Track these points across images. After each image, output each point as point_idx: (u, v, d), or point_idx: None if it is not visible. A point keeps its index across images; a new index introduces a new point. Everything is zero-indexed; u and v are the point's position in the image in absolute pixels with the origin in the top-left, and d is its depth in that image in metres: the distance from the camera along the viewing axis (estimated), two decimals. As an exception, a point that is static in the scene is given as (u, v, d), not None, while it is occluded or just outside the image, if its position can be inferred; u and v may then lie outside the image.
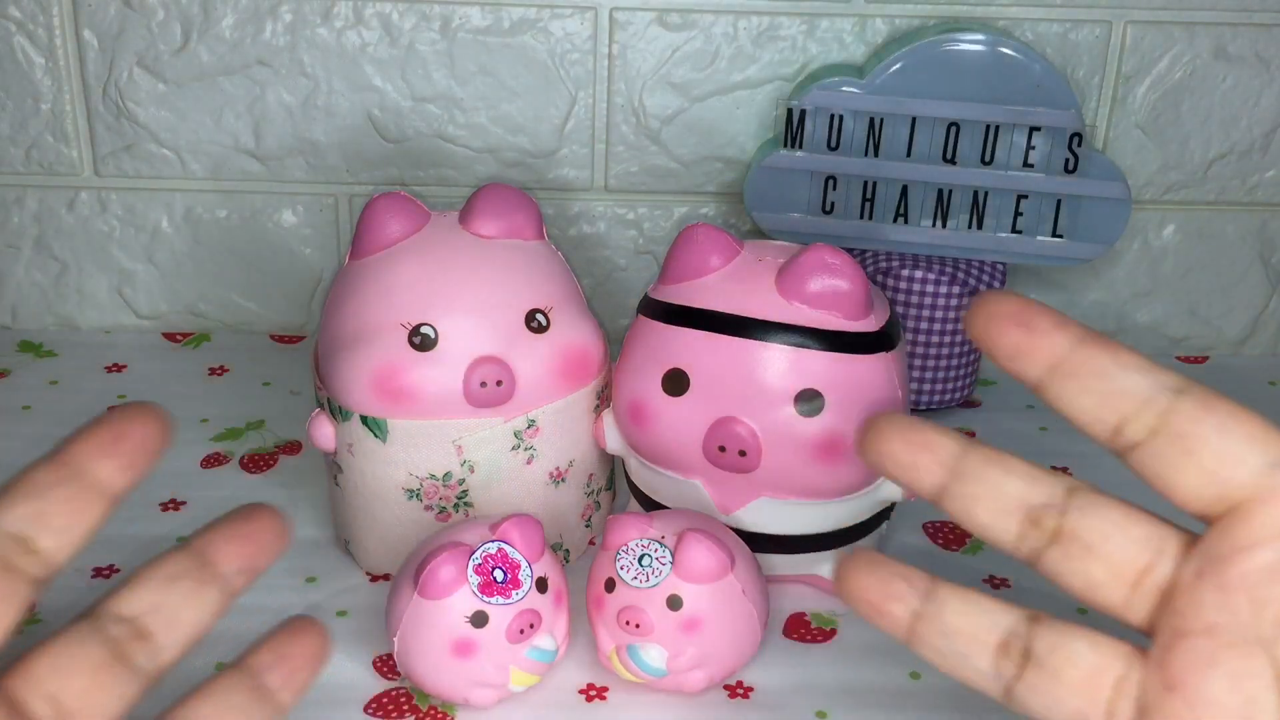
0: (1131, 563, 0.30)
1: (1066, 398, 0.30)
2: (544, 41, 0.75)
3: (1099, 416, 0.30)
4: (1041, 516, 0.31)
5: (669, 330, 0.55)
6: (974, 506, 0.31)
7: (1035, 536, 0.31)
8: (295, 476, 0.67)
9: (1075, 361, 0.30)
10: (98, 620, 0.29)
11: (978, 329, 0.31)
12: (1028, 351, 0.30)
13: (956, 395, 0.75)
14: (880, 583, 0.33)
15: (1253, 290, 0.83)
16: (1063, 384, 0.30)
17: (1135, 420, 0.29)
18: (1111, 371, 0.29)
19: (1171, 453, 0.29)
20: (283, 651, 0.33)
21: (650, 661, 0.51)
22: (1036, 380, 0.31)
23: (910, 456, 0.31)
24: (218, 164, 0.78)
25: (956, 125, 0.70)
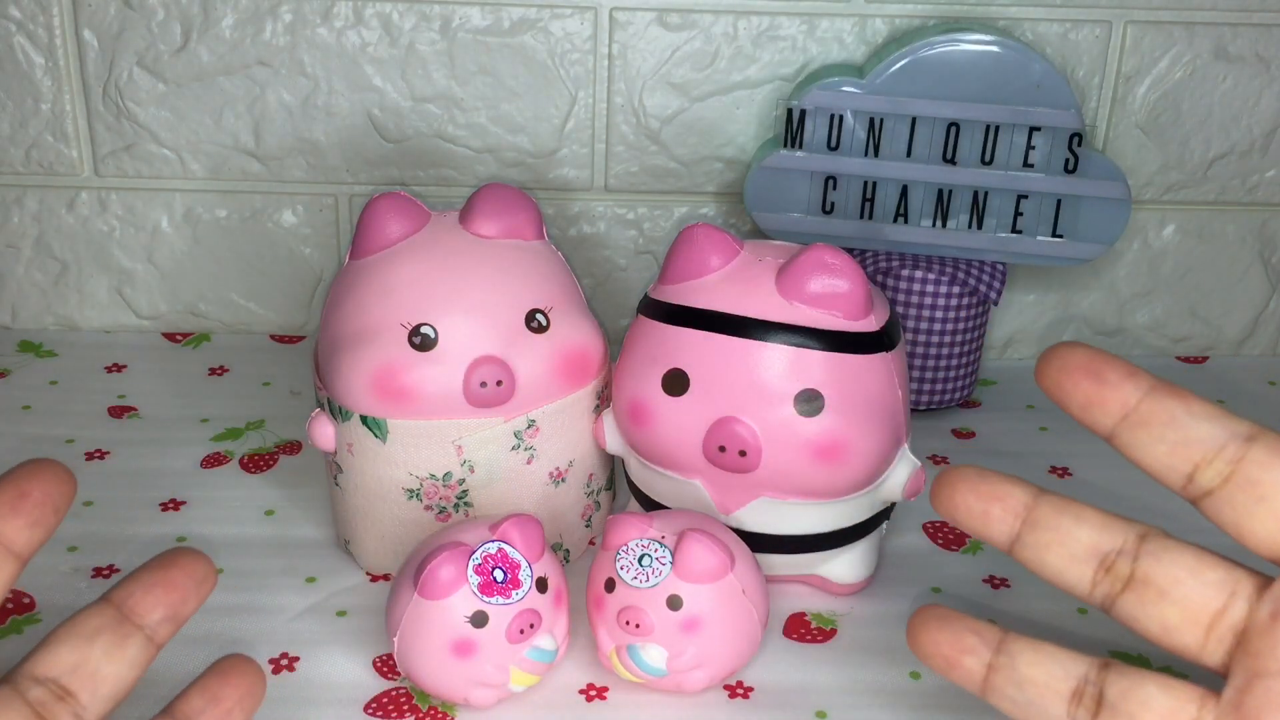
0: (1206, 606, 0.30)
1: (1139, 447, 0.31)
2: (544, 41, 0.75)
3: (1171, 465, 0.30)
4: (1114, 563, 0.31)
5: (669, 330, 0.55)
6: (1046, 554, 0.32)
7: (1108, 583, 0.32)
8: (295, 476, 0.67)
9: (1146, 411, 0.30)
10: (16, 684, 0.29)
11: (1049, 380, 0.32)
12: (1099, 403, 0.31)
13: (956, 395, 0.75)
14: (953, 637, 0.33)
15: (1253, 290, 0.83)
16: (1134, 433, 0.31)
17: (1208, 468, 0.30)
18: (1183, 420, 0.30)
19: (1244, 499, 0.30)
20: (214, 694, 0.32)
21: (650, 661, 0.51)
22: (1109, 431, 0.31)
23: (982, 506, 0.33)
24: (218, 164, 0.78)
25: (956, 125, 0.70)
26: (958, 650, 0.33)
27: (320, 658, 0.55)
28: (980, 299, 0.73)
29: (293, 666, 0.54)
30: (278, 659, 0.54)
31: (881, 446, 0.54)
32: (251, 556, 0.61)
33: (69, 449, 0.69)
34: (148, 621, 0.31)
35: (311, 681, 0.53)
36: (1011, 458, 0.71)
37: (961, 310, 0.72)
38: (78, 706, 0.29)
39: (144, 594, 0.31)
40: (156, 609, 0.31)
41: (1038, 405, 0.78)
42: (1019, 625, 0.58)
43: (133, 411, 0.73)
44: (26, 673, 0.29)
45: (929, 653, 0.34)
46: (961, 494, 0.33)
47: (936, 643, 0.34)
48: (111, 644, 0.30)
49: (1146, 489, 0.33)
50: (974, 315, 0.73)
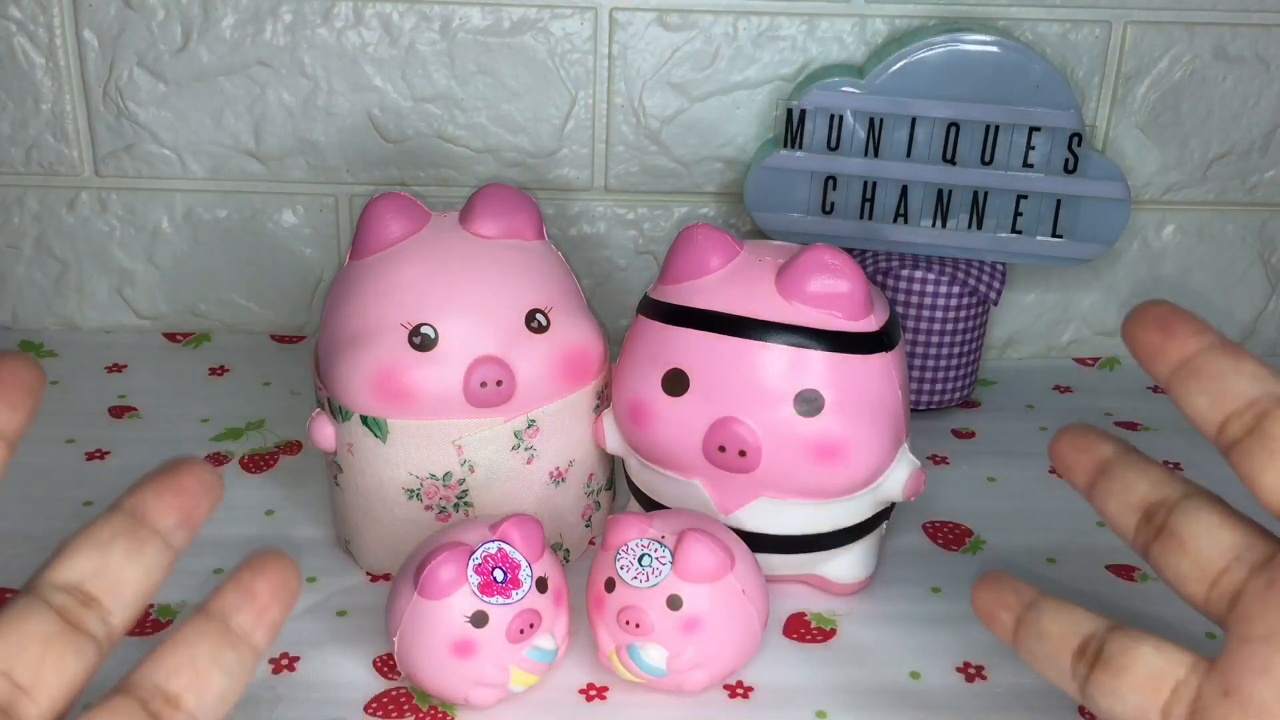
0: (1212, 563, 0.33)
1: (1186, 396, 0.33)
2: (544, 41, 0.75)
3: (1209, 416, 0.33)
4: (1154, 513, 0.34)
5: (669, 330, 0.55)
6: (1108, 500, 0.36)
7: (1147, 531, 0.34)
8: (295, 476, 0.67)
9: (1199, 363, 0.33)
10: (38, 591, 0.29)
11: (1129, 332, 0.35)
12: (1162, 352, 0.34)
13: (956, 395, 0.75)
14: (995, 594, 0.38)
15: (1253, 290, 0.83)
16: (1185, 383, 0.33)
17: (1237, 420, 0.32)
18: (1228, 375, 0.32)
19: (1259, 452, 0.31)
20: (249, 589, 0.32)
21: (650, 661, 0.51)
22: (1166, 379, 0.33)
23: (1073, 456, 0.36)
24: (218, 164, 0.78)
25: (956, 125, 0.70)
26: (998, 605, 0.37)
27: (320, 658, 0.55)
28: (980, 299, 0.73)
29: (293, 666, 0.54)
30: (278, 659, 0.54)
31: (881, 446, 0.54)
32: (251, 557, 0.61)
33: (69, 449, 0.69)
34: (162, 527, 0.31)
35: (311, 681, 0.53)
36: (1011, 458, 0.71)
37: (961, 310, 0.72)
38: (103, 612, 0.29)
39: (155, 500, 0.31)
40: (170, 514, 0.31)
41: (1038, 405, 0.78)
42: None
43: (133, 411, 0.73)
44: (47, 581, 0.29)
45: (977, 607, 0.38)
46: (1063, 444, 0.37)
47: (984, 599, 0.38)
48: (130, 548, 0.30)
49: None
50: (974, 315, 0.73)
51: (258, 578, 0.31)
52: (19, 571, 0.59)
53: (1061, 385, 0.80)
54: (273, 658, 0.54)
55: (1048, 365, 0.83)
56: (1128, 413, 0.77)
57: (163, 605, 0.57)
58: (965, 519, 0.66)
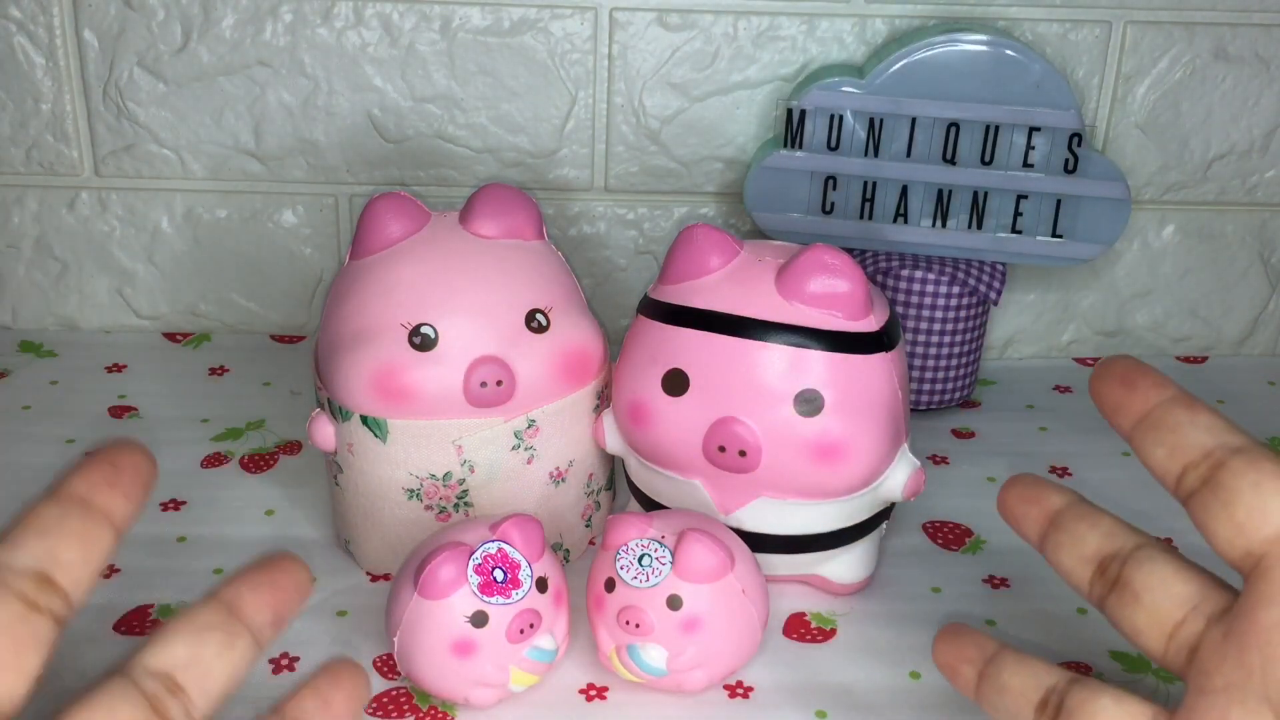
0: (1169, 616, 0.33)
1: (1145, 448, 0.33)
2: (544, 41, 0.75)
3: (1167, 467, 0.33)
4: (1109, 566, 0.34)
5: (669, 330, 0.55)
6: (1060, 554, 0.36)
7: (1101, 584, 0.35)
8: (295, 476, 0.67)
9: (1158, 416, 0.33)
10: (130, 675, 0.29)
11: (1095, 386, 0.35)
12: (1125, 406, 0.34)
13: (956, 395, 0.75)
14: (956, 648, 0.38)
15: (1253, 290, 0.83)
16: (1144, 435, 0.33)
17: (1193, 471, 0.32)
18: (1185, 427, 0.32)
19: (1213, 503, 0.31)
20: (325, 697, 0.33)
21: (650, 661, 0.51)
22: (1128, 432, 0.34)
23: (1023, 509, 0.37)
24: (218, 164, 0.78)
25: (956, 125, 0.70)
26: (959, 659, 0.37)
27: (320, 658, 0.55)
28: (980, 299, 0.73)
29: (293, 666, 0.54)
30: (278, 659, 0.54)
31: (881, 446, 0.54)
32: (251, 556, 0.61)
33: (69, 449, 0.69)
34: (255, 623, 0.31)
35: (311, 681, 0.53)
36: (1011, 458, 0.71)
37: (961, 310, 0.72)
38: (188, 702, 0.29)
39: (252, 595, 0.31)
40: (264, 611, 0.31)
41: (1038, 405, 0.78)
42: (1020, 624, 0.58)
43: (133, 411, 0.73)
44: (141, 665, 0.29)
45: (938, 660, 0.38)
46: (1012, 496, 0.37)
47: (944, 652, 0.38)
48: (223, 642, 0.30)
49: (1143, 490, 0.35)
50: (974, 315, 0.73)
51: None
52: (19, 571, 0.59)
53: (1061, 385, 0.80)
54: (273, 658, 0.54)
55: (1048, 365, 0.83)
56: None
57: (163, 605, 0.57)
58: (965, 519, 0.66)
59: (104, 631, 0.55)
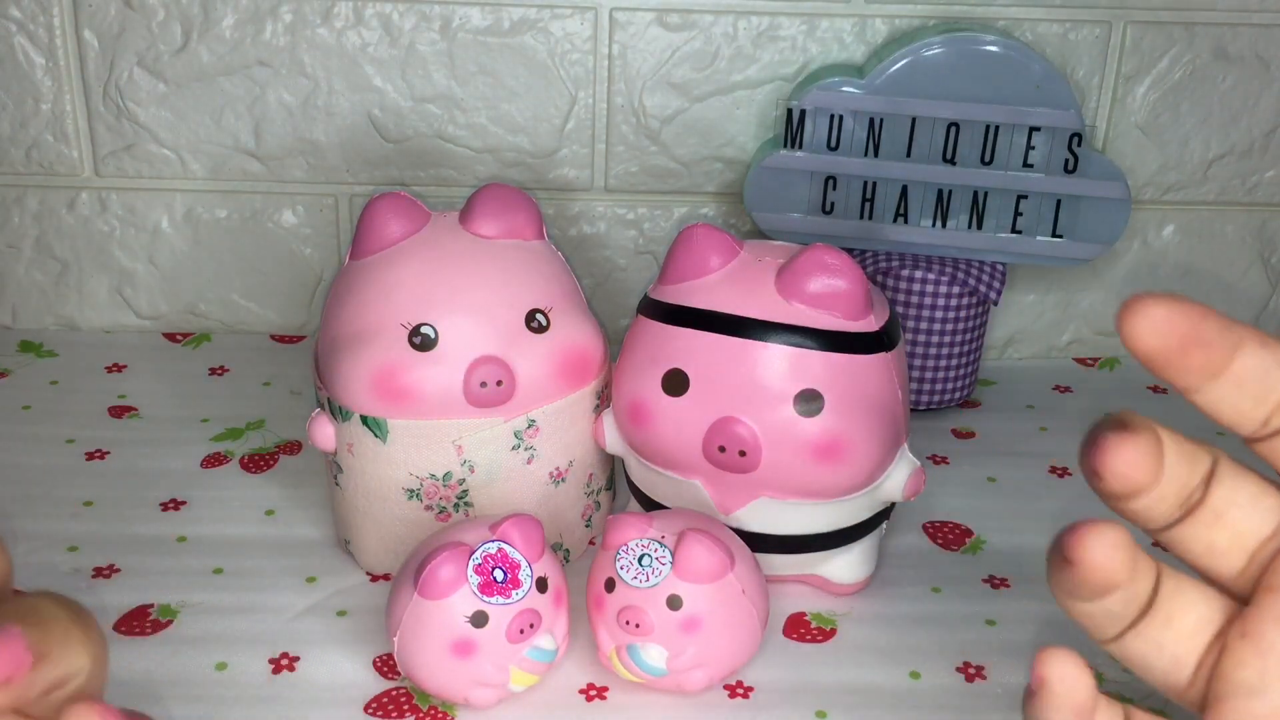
0: (1255, 532, 0.31)
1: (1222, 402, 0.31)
2: (544, 41, 0.75)
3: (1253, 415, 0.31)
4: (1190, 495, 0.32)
5: (669, 330, 0.55)
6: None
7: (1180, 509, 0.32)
8: (295, 476, 0.67)
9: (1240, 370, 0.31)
10: None
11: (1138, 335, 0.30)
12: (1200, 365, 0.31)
13: (956, 395, 0.75)
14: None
15: (1253, 290, 0.83)
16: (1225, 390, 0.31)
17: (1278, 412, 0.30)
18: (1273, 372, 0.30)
19: None
20: None
21: (650, 661, 0.51)
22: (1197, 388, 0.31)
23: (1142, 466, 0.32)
24: (218, 164, 0.78)
25: (956, 125, 0.70)
26: None
27: (320, 658, 0.55)
28: (980, 299, 0.73)
29: (293, 666, 0.54)
30: (278, 659, 0.54)
31: (881, 446, 0.54)
32: (251, 556, 0.61)
33: (69, 449, 0.69)
34: None
35: (311, 681, 0.53)
36: (1011, 458, 0.71)
37: (961, 310, 0.72)
38: None
39: None
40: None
41: (1038, 405, 0.78)
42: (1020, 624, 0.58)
43: (133, 411, 0.73)
44: None
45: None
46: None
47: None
48: None
49: None
50: (974, 315, 0.73)
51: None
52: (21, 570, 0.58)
53: (1061, 385, 0.80)
54: (272, 658, 0.54)
55: (1048, 365, 0.83)
56: (1128, 413, 0.77)
57: (163, 605, 0.57)
58: (965, 519, 0.66)
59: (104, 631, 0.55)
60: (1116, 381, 0.81)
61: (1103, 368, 0.83)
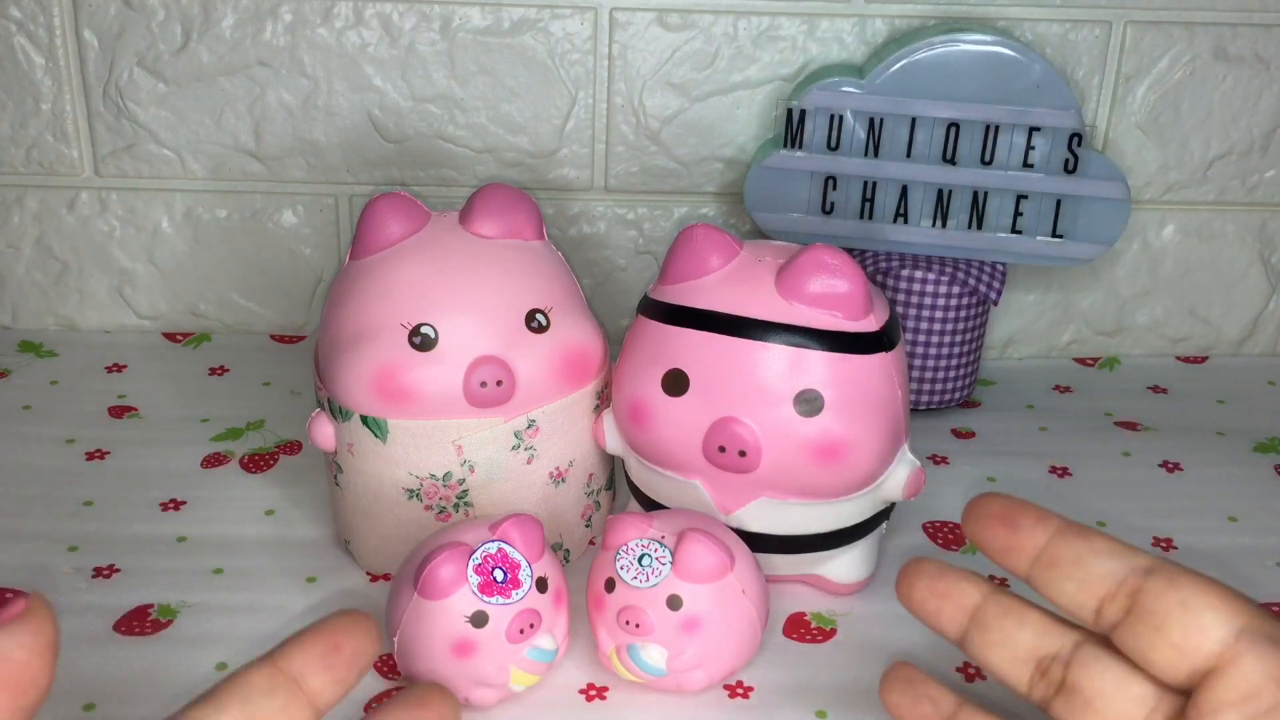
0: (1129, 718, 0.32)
1: (1052, 586, 0.32)
2: (544, 41, 0.75)
3: (1081, 602, 0.32)
4: (1050, 667, 0.33)
5: (669, 330, 0.55)
6: (989, 653, 0.34)
7: (1043, 686, 0.33)
8: (295, 476, 0.67)
9: (1054, 552, 0.32)
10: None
11: (971, 530, 0.33)
12: (1015, 548, 0.32)
13: (956, 395, 0.75)
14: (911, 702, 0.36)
15: (1253, 290, 0.83)
16: (1046, 574, 0.32)
17: (1112, 602, 0.31)
18: (1086, 558, 0.31)
19: (1144, 630, 0.31)
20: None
21: (650, 661, 0.51)
22: (1025, 573, 0.32)
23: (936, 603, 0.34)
24: (218, 164, 0.78)
25: (956, 125, 0.70)
26: (913, 715, 0.36)
27: (320, 658, 0.55)
28: (980, 299, 0.73)
29: (293, 666, 0.54)
30: (278, 659, 0.54)
31: (881, 446, 0.54)
32: (251, 556, 0.61)
33: (69, 449, 0.69)
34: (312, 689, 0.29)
35: (311, 681, 0.53)
36: (1011, 458, 0.71)
37: (961, 310, 0.73)
38: None
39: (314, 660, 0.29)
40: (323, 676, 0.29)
41: (1038, 405, 0.78)
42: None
43: (133, 411, 0.73)
44: None
45: (890, 712, 0.36)
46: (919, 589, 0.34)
47: (896, 705, 0.36)
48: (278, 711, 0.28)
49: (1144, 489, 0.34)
50: (974, 315, 0.73)
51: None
52: (20, 570, 0.59)
53: (1061, 385, 0.80)
54: (273, 658, 0.54)
55: (1048, 365, 0.83)
56: (1127, 413, 0.77)
57: (163, 605, 0.57)
58: (965, 519, 0.66)
59: (104, 631, 0.55)
60: (1116, 381, 0.81)
61: (1103, 368, 0.83)
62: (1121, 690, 0.32)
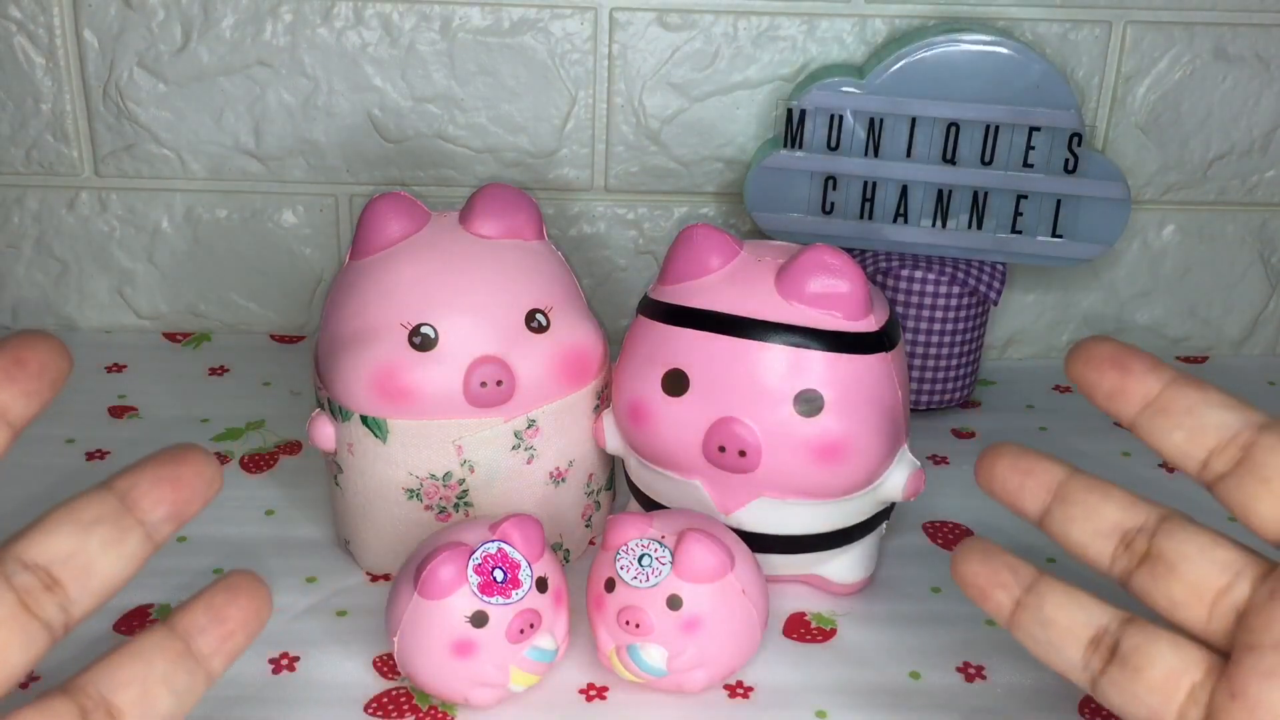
0: (1210, 583, 0.32)
1: (1159, 434, 0.32)
2: (544, 41, 0.75)
3: (1188, 451, 0.32)
4: (1134, 540, 0.33)
5: (669, 330, 0.55)
6: (1070, 527, 0.34)
7: (1126, 558, 0.33)
8: (295, 476, 0.67)
9: (1167, 400, 0.32)
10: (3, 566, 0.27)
11: (1077, 372, 0.33)
12: (1123, 392, 0.33)
13: (956, 395, 0.75)
14: (990, 571, 0.35)
15: (1253, 290, 0.83)
16: (1155, 421, 0.32)
17: (1221, 453, 0.31)
18: (1200, 408, 0.31)
19: (1251, 482, 0.31)
20: (219, 613, 0.30)
21: (650, 661, 0.51)
22: (1131, 418, 0.33)
23: (1018, 480, 0.35)
24: (218, 164, 0.78)
25: (956, 125, 0.70)
26: (992, 584, 0.35)
27: (320, 658, 0.55)
28: (980, 299, 0.73)
29: (293, 666, 0.54)
30: (278, 659, 0.54)
31: (881, 446, 0.54)
32: (251, 556, 0.61)
33: (69, 449, 0.69)
34: (150, 518, 0.28)
35: (311, 681, 0.53)
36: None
37: (961, 310, 0.73)
38: (64, 599, 0.27)
39: (150, 488, 0.29)
40: (160, 505, 0.29)
41: (1038, 405, 0.78)
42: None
43: (133, 411, 0.73)
44: (14, 555, 0.27)
45: (967, 582, 0.36)
46: (1000, 468, 0.35)
47: (975, 574, 0.36)
48: (110, 537, 0.28)
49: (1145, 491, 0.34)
50: (974, 315, 0.73)
51: (230, 602, 0.29)
52: (19, 571, 0.59)
53: (1061, 385, 0.80)
54: (273, 658, 0.54)
55: (1048, 365, 0.83)
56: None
57: (163, 605, 0.57)
58: (965, 519, 0.66)
59: (104, 631, 0.55)
60: (1116, 381, 0.81)
61: (1103, 368, 0.83)
62: (1206, 555, 0.32)
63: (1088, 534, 0.34)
